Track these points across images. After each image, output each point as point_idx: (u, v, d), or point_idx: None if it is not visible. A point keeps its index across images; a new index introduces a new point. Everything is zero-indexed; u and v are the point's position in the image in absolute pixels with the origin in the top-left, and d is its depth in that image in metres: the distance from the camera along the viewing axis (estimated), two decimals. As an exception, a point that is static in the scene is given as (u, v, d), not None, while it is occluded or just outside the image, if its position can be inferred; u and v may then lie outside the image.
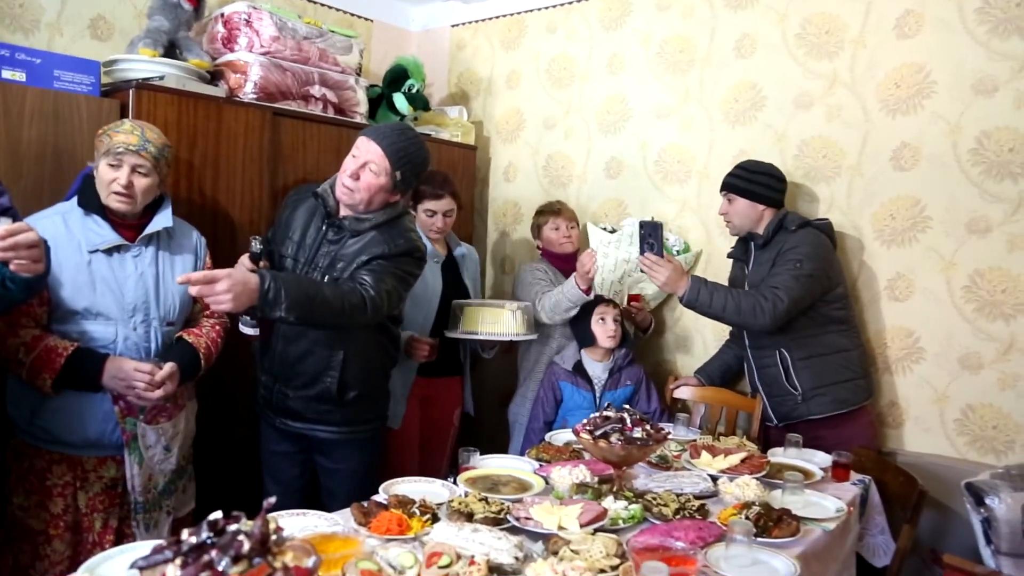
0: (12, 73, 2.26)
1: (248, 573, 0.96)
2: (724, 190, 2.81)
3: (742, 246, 2.87)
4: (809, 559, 1.76)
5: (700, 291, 2.55)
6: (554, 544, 1.61)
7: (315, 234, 2.25)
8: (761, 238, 2.73)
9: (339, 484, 2.33)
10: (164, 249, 2.08)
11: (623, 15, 3.47)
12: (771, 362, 2.72)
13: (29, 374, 1.87)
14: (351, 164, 2.15)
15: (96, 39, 2.88)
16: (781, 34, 3.03)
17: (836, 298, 2.66)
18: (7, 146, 2.21)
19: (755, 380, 2.82)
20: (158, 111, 2.47)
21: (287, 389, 2.26)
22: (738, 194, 2.75)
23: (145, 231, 2.02)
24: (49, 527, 1.96)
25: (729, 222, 2.83)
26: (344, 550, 1.50)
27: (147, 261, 2.04)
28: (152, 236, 2.05)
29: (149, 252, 2.05)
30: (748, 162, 2.82)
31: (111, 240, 1.97)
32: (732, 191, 2.77)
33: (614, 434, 1.99)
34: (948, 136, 2.67)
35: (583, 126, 3.62)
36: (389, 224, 2.23)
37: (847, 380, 2.65)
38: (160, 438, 2.05)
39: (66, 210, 1.99)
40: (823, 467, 2.31)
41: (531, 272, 3.08)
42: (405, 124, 2.25)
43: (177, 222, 2.12)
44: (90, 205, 1.98)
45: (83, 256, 1.95)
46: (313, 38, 2.94)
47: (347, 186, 2.16)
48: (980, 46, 2.61)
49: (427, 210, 2.88)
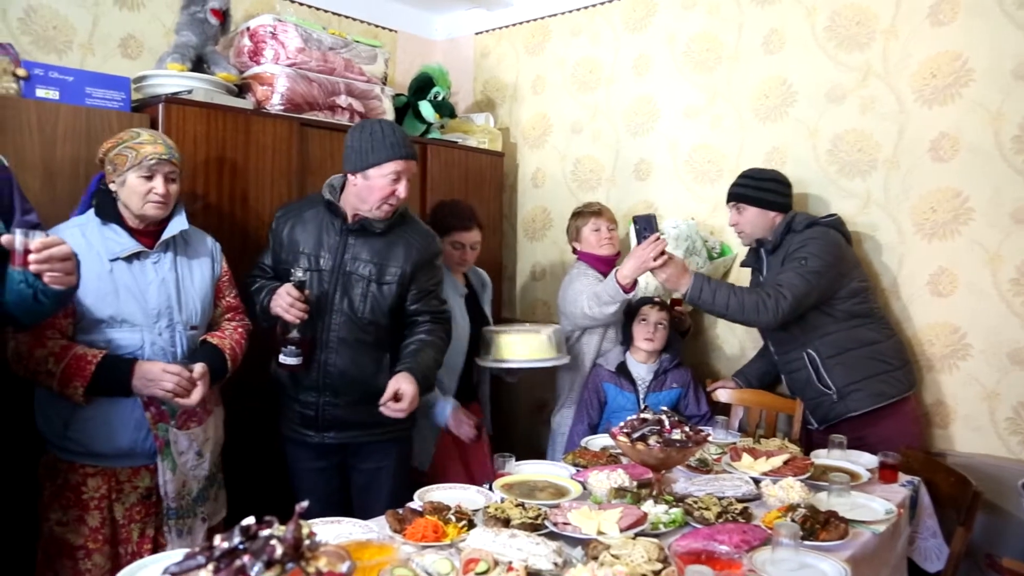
0: (46, 91, 2.30)
1: (280, 579, 0.95)
2: (732, 201, 2.78)
3: (753, 255, 2.85)
4: (859, 563, 1.70)
5: (703, 289, 2.53)
6: (594, 549, 1.57)
7: (336, 240, 2.29)
8: (771, 243, 2.71)
9: (381, 483, 2.35)
10: (182, 254, 2.11)
11: (648, 15, 3.44)
12: (799, 365, 2.68)
13: (60, 384, 1.88)
14: (401, 186, 2.22)
15: (127, 57, 2.93)
16: (810, 27, 2.98)
17: (853, 293, 2.60)
18: (42, 162, 2.24)
19: (789, 384, 2.78)
20: (187, 125, 2.50)
21: (337, 399, 2.28)
22: (748, 203, 2.73)
23: (163, 236, 2.04)
24: (88, 541, 1.97)
25: (741, 232, 2.80)
26: (379, 557, 1.49)
27: (167, 266, 2.06)
28: (169, 241, 2.07)
29: (168, 257, 2.07)
30: (752, 170, 2.81)
31: (131, 247, 1.99)
32: (741, 201, 2.75)
33: (652, 436, 1.94)
34: (989, 125, 2.59)
35: (610, 129, 3.58)
36: (406, 221, 2.37)
37: (882, 373, 2.57)
38: (192, 443, 2.05)
39: (83, 222, 2.01)
40: (870, 468, 2.25)
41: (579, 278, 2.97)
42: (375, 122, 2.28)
43: (191, 228, 2.14)
44: (107, 215, 2.00)
45: (104, 265, 1.96)
46: (338, 48, 2.95)
47: (396, 204, 2.26)
48: (1020, 30, 2.53)
49: (456, 243, 2.79)
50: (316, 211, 2.32)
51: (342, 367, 2.25)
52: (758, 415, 2.97)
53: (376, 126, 2.24)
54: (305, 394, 2.30)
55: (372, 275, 2.27)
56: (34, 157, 2.23)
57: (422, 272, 2.34)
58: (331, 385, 2.27)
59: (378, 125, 2.25)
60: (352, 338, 2.27)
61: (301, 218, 2.32)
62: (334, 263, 2.27)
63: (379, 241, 2.29)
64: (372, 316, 2.29)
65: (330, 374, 2.26)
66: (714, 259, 3.13)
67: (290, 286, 2.15)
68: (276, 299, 2.17)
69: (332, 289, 2.26)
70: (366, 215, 2.27)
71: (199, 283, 2.12)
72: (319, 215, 2.31)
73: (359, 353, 2.27)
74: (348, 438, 2.32)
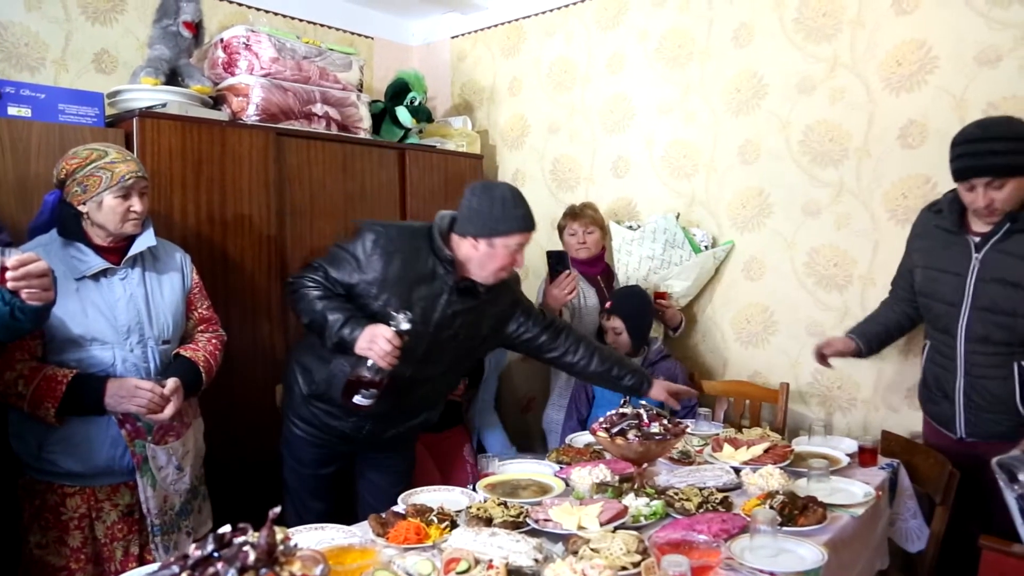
0: (18, 109, 2.30)
1: (255, 584, 0.96)
2: (987, 175, 2.11)
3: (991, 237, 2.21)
4: (838, 546, 1.73)
5: None
6: (574, 544, 1.59)
7: (444, 299, 2.16)
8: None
9: (390, 483, 2.37)
10: (150, 269, 2.08)
11: (619, 13, 3.47)
12: (997, 374, 2.23)
13: (31, 405, 1.86)
14: (521, 257, 2.15)
15: (101, 72, 2.93)
16: (779, 20, 3.01)
17: None
18: (15, 181, 2.24)
19: (953, 386, 2.32)
20: (162, 138, 2.50)
21: (388, 427, 2.30)
22: (1013, 174, 2.11)
23: (129, 252, 2.02)
24: (70, 562, 1.95)
25: (992, 211, 2.16)
26: (361, 561, 1.50)
27: (135, 282, 2.04)
28: (137, 257, 2.04)
29: (135, 273, 2.05)
30: (994, 125, 2.16)
31: (97, 265, 1.97)
32: (1003, 174, 2.11)
33: (631, 431, 1.97)
34: (955, 110, 2.63)
35: (587, 127, 3.61)
36: None
37: None
38: (171, 457, 2.04)
39: (46, 242, 1.98)
40: (849, 453, 2.28)
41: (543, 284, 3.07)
42: (498, 186, 2.19)
43: (160, 241, 2.12)
44: (71, 234, 1.98)
45: (71, 284, 1.93)
46: (312, 57, 2.96)
47: (506, 274, 2.20)
48: (980, 17, 2.57)
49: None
50: (427, 256, 2.14)
51: (409, 402, 2.28)
52: (742, 405, 3.00)
53: (507, 193, 2.12)
54: (358, 419, 2.25)
55: (462, 335, 2.22)
56: (7, 175, 2.23)
57: (511, 311, 2.35)
58: (387, 415, 2.26)
59: (509, 192, 2.13)
60: (428, 386, 2.30)
61: (415, 257, 2.13)
62: (436, 318, 2.16)
63: (491, 295, 2.24)
64: (454, 372, 2.40)
65: (393, 406, 2.23)
66: (700, 252, 3.15)
67: (393, 334, 1.97)
68: (373, 343, 1.98)
69: (425, 343, 2.16)
70: (475, 279, 2.17)
71: (169, 297, 2.10)
72: (431, 263, 2.14)
73: (433, 387, 2.33)
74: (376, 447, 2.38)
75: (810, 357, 2.65)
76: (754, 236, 3.14)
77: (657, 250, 3.15)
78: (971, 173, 2.14)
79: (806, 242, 3.00)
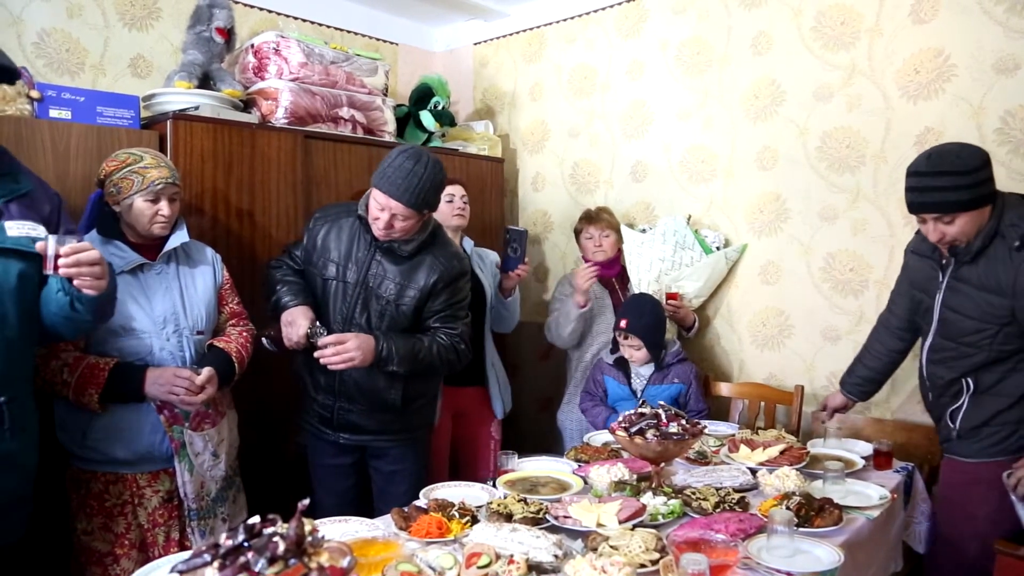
0: (59, 112, 2.39)
1: (284, 574, 0.99)
2: (937, 212, 2.06)
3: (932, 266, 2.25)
4: (853, 548, 1.75)
5: None
6: (593, 541, 1.62)
7: (364, 255, 2.30)
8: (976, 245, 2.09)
9: (397, 485, 2.41)
10: (184, 264, 2.20)
11: (640, 22, 3.51)
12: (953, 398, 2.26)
13: (75, 393, 1.96)
14: (382, 218, 2.17)
15: (136, 77, 3.02)
16: (797, 28, 3.04)
17: None
18: (56, 179, 2.30)
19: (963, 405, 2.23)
20: (194, 140, 2.58)
21: (350, 406, 2.33)
22: (964, 209, 2.04)
23: (164, 248, 2.13)
24: (115, 547, 2.04)
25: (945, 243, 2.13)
26: (384, 553, 1.53)
27: (170, 276, 2.15)
28: (171, 253, 2.16)
29: (171, 268, 2.16)
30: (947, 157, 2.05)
31: (134, 260, 2.08)
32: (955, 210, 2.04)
33: (649, 430, 2.00)
34: (972, 118, 2.65)
35: (607, 133, 3.65)
36: (435, 241, 2.35)
37: None
38: (207, 444, 2.13)
39: None
40: (864, 456, 2.30)
41: (560, 287, 3.15)
42: (412, 154, 2.15)
43: (191, 240, 2.22)
44: (109, 232, 2.09)
45: None
46: (340, 62, 3.03)
47: (383, 233, 2.22)
48: (998, 25, 2.59)
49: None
50: (352, 221, 2.32)
51: (356, 377, 2.29)
52: (758, 408, 3.03)
53: (407, 162, 2.14)
54: (323, 396, 2.36)
55: (392, 295, 2.28)
56: (48, 175, 2.30)
57: (442, 293, 2.32)
58: (345, 392, 2.32)
59: (410, 163, 2.14)
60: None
61: (337, 224, 2.33)
62: (358, 277, 2.29)
63: (405, 262, 2.29)
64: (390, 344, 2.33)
65: (345, 383, 2.30)
66: (711, 253, 3.19)
67: (304, 335, 2.20)
68: (290, 328, 2.23)
69: (353, 303, 2.29)
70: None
71: (202, 290, 2.20)
72: (354, 227, 2.31)
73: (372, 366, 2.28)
74: (363, 441, 2.38)
75: (825, 360, 2.68)
76: (771, 241, 3.17)
77: (667, 252, 3.18)
78: (918, 209, 2.10)
79: (823, 247, 3.03)
